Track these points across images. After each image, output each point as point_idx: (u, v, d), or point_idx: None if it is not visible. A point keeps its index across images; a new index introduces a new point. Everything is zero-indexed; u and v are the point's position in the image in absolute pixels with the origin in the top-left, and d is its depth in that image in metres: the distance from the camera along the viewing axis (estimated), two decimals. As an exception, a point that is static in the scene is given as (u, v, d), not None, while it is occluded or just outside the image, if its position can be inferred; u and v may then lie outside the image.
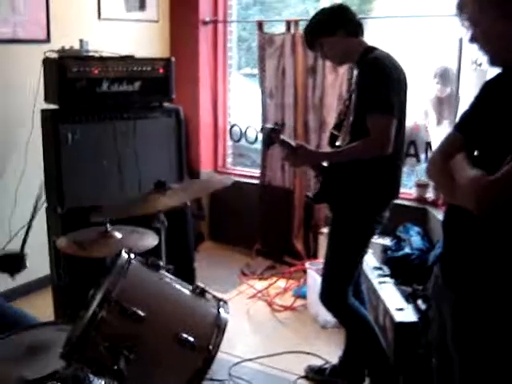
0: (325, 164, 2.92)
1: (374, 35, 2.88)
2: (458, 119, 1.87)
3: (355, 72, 2.89)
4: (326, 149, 3.15)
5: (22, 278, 3.98)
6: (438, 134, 4.46)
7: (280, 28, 4.90)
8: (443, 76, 4.70)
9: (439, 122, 4.75)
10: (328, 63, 4.44)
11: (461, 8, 1.75)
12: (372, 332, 2.97)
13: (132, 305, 1.71)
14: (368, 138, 2.65)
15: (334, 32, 2.80)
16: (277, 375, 3.33)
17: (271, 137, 2.95)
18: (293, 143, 2.95)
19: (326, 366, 3.32)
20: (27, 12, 4.05)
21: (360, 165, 2.75)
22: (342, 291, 2.93)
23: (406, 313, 3.17)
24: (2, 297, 2.77)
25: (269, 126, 3.04)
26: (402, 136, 2.83)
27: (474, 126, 1.77)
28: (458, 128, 1.83)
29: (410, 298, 3.39)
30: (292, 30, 4.67)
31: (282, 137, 2.96)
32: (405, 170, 4.78)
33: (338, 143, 2.95)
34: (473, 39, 1.74)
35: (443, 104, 4.82)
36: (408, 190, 4.51)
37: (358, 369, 3.17)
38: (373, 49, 2.81)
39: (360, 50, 2.81)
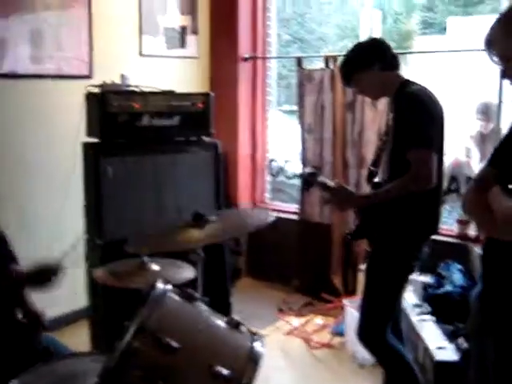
0: None
1: (414, 71, 2.86)
2: (490, 154, 1.85)
3: (392, 107, 2.87)
4: (365, 186, 3.10)
5: (60, 309, 4.07)
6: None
7: (319, 64, 4.92)
8: (485, 112, 4.65)
9: (482, 159, 4.69)
10: (367, 99, 4.43)
11: (490, 44, 1.74)
12: (410, 371, 2.89)
13: (166, 335, 1.69)
14: (410, 173, 2.60)
15: (370, 66, 2.79)
16: (313, 414, 3.27)
17: (309, 180, 2.93)
18: (331, 183, 2.91)
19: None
20: (71, 48, 4.17)
21: (399, 199, 2.70)
22: (380, 328, 2.86)
23: (446, 351, 3.10)
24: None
25: (307, 170, 3.01)
26: (441, 170, 2.78)
27: (507, 159, 1.75)
28: (491, 162, 1.81)
29: (451, 336, 3.32)
30: (331, 66, 4.69)
31: (319, 179, 2.93)
32: (446, 206, 4.75)
33: (376, 180, 2.92)
34: (505, 75, 1.73)
35: (486, 140, 4.76)
36: (449, 227, 4.43)
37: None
38: (410, 82, 2.79)
39: (396, 84, 2.79)
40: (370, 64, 2.79)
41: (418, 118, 2.64)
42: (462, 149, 4.83)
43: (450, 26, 7.95)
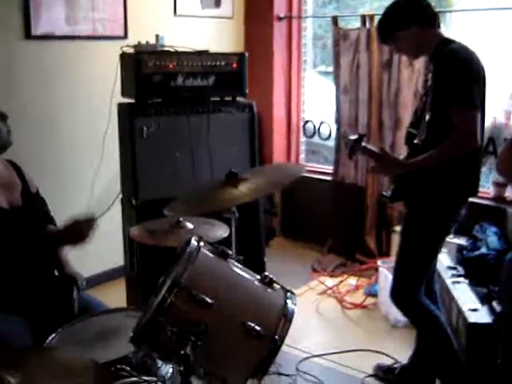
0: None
1: (454, 31, 2.77)
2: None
3: (431, 66, 2.80)
4: (401, 148, 3.04)
5: (97, 267, 4.15)
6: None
7: (355, 25, 4.84)
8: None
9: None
10: (404, 58, 4.36)
11: None
12: (443, 332, 2.89)
13: (200, 291, 1.72)
14: (455, 134, 2.54)
15: (409, 25, 2.72)
16: (345, 372, 3.30)
17: (354, 147, 2.86)
18: (376, 149, 2.85)
19: (396, 365, 3.26)
20: (106, 9, 4.17)
21: (443, 166, 2.64)
22: (413, 289, 2.86)
23: (480, 314, 3.08)
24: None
25: (352, 137, 2.93)
26: (483, 131, 2.71)
27: None
28: None
29: (484, 299, 3.30)
30: (367, 25, 4.62)
31: (363, 144, 2.86)
32: (483, 168, 4.68)
33: (415, 141, 2.86)
34: None
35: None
36: (486, 189, 4.38)
37: (429, 370, 3.07)
38: (449, 41, 2.71)
39: (436, 42, 2.72)
40: (409, 23, 2.72)
41: (459, 76, 2.57)
42: (500, 110, 4.72)
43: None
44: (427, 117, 2.72)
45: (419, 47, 2.80)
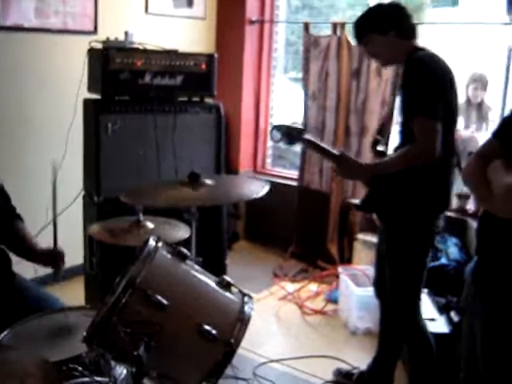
0: None
1: (424, 43, 2.77)
2: (496, 126, 1.82)
3: (400, 72, 2.77)
4: (366, 155, 3.03)
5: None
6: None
7: (327, 32, 4.86)
8: (482, 81, 4.68)
9: (466, 126, 4.73)
10: (373, 67, 4.39)
11: None
12: (432, 355, 2.82)
13: (156, 292, 1.70)
14: (414, 144, 2.52)
15: (386, 31, 2.66)
16: (302, 378, 3.29)
17: (292, 136, 2.75)
18: (334, 151, 2.79)
19: (354, 371, 3.26)
20: (76, 3, 4.12)
21: (409, 173, 2.59)
22: (413, 308, 2.78)
23: (437, 323, 3.11)
24: (35, 281, 2.80)
25: (291, 124, 2.86)
26: (452, 139, 2.67)
27: None
28: (496, 134, 1.78)
29: (443, 309, 3.33)
30: (338, 33, 4.63)
31: (308, 137, 2.80)
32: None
33: (380, 148, 2.84)
34: None
35: (472, 109, 4.80)
36: (448, 201, 4.42)
37: (386, 378, 3.10)
38: (420, 49, 2.67)
39: (409, 51, 2.65)
40: (387, 29, 2.66)
41: (423, 85, 2.52)
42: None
43: (463, -1, 7.83)
44: (397, 124, 2.70)
45: (392, 55, 2.74)
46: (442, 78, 2.60)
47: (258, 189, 2.55)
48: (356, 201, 2.89)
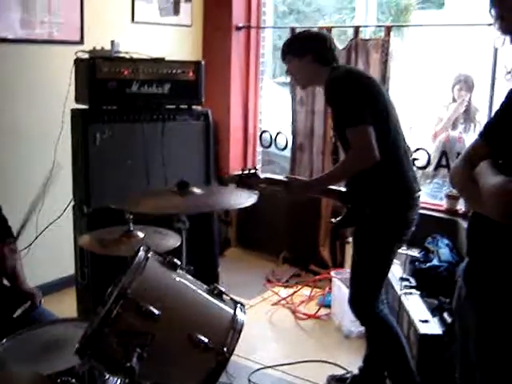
0: (341, 189, 2.93)
1: (410, 45, 2.83)
2: (482, 127, 1.83)
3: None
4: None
5: (48, 276, 4.07)
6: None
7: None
8: (467, 82, 4.70)
9: (454, 127, 4.76)
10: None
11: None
12: (397, 341, 2.92)
13: (147, 303, 1.69)
14: (350, 150, 2.70)
15: (303, 56, 2.86)
16: (297, 383, 3.29)
17: (247, 182, 2.89)
18: (282, 177, 2.97)
19: (348, 375, 3.27)
20: (62, 14, 4.11)
21: (369, 179, 2.74)
22: (371, 298, 2.89)
23: (430, 325, 3.12)
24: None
25: (237, 172, 3.01)
26: (394, 140, 2.78)
27: (499, 133, 1.73)
28: (482, 136, 1.78)
29: (435, 310, 3.34)
30: (325, 38, 4.64)
31: (262, 176, 2.96)
32: (438, 180, 4.76)
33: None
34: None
35: (459, 110, 4.83)
36: (439, 202, 4.44)
37: (379, 379, 3.11)
38: (335, 68, 2.85)
39: (326, 75, 2.82)
40: (303, 54, 2.86)
41: (343, 98, 2.71)
42: (434, 119, 4.87)
43: (448, 1, 7.87)
44: (338, 142, 2.91)
45: (307, 77, 2.96)
46: (361, 85, 2.76)
47: (247, 198, 2.56)
48: (335, 220, 3.01)
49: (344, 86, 2.73)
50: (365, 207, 2.81)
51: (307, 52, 2.85)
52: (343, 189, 2.93)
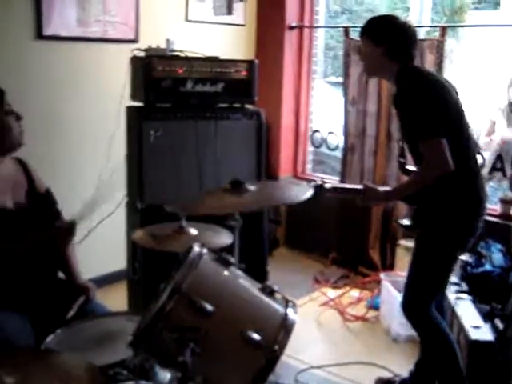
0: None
1: (466, 46, 2.78)
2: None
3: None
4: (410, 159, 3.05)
5: (100, 269, 4.14)
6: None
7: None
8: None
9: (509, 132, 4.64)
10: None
11: None
12: (450, 347, 2.86)
13: (201, 298, 1.71)
14: (423, 163, 2.65)
15: (378, 44, 2.75)
16: (344, 385, 3.28)
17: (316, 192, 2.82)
18: (357, 186, 2.92)
19: (396, 378, 3.23)
20: (118, 12, 4.18)
21: (440, 186, 2.68)
22: (425, 302, 2.84)
23: (482, 331, 3.06)
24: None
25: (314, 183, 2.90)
26: (466, 148, 2.74)
27: None
28: None
29: (487, 316, 3.28)
30: (379, 37, 4.60)
31: (329, 186, 2.89)
32: (492, 184, 4.66)
33: (408, 167, 2.95)
34: None
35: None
36: (493, 206, 4.35)
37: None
38: (407, 70, 2.75)
39: (397, 69, 2.74)
40: (379, 42, 2.75)
41: (416, 109, 2.62)
42: (486, 122, 4.75)
43: (504, 1, 7.70)
44: (406, 146, 2.86)
45: (376, 69, 2.87)
46: (435, 94, 2.68)
47: (302, 192, 2.55)
48: (403, 221, 2.98)
49: (417, 95, 2.64)
50: (430, 212, 2.78)
51: (383, 42, 2.73)
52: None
